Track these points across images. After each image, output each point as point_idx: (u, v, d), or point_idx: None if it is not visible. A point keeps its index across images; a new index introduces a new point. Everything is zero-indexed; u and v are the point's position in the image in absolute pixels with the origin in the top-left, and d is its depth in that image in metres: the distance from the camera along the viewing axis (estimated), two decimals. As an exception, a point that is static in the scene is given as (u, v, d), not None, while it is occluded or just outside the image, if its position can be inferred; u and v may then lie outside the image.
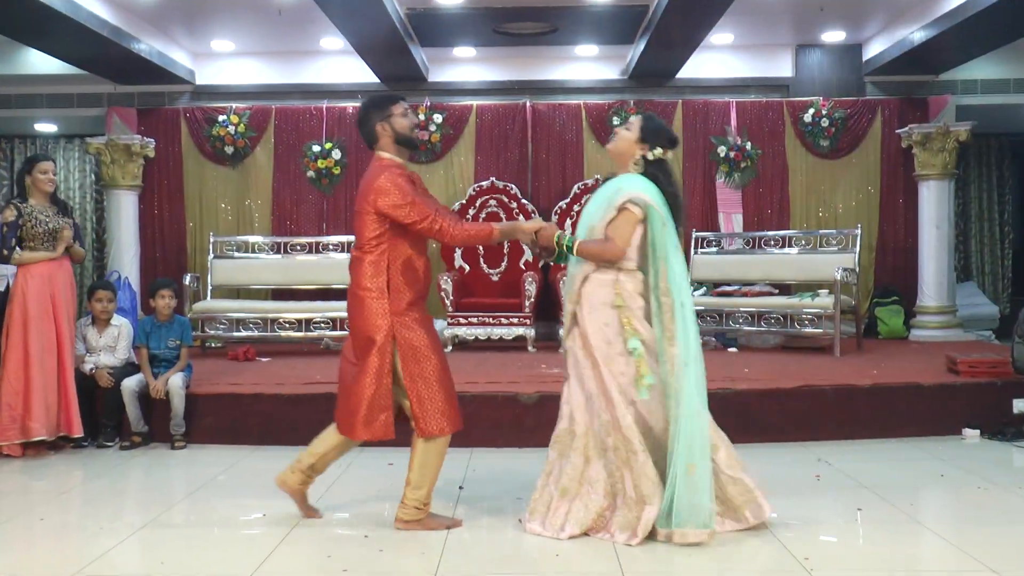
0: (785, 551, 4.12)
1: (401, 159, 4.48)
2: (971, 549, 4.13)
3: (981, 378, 6.89)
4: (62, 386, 6.31)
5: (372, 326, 4.33)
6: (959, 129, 9.93)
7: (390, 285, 4.34)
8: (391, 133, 4.44)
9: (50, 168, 6.45)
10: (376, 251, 4.35)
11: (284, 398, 6.68)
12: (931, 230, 10.04)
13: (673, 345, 4.24)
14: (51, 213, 6.38)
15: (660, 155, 4.45)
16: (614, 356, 4.31)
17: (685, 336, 4.25)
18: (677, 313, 4.25)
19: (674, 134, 4.57)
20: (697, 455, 4.18)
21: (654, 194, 4.34)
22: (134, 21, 9.17)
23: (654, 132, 4.46)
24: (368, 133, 4.49)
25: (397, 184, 4.28)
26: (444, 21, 9.46)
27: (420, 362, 4.36)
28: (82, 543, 4.42)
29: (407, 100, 4.61)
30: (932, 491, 5.44)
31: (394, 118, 4.44)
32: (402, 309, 4.35)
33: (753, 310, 9.14)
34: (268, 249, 10.12)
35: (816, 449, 6.25)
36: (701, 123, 10.57)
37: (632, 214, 4.31)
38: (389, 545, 4.27)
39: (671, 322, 4.25)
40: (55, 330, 6.31)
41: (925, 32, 9.07)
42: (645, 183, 4.38)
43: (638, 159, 4.45)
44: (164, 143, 10.49)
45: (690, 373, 4.22)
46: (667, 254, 4.29)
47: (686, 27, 8.87)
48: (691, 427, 4.18)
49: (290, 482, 4.63)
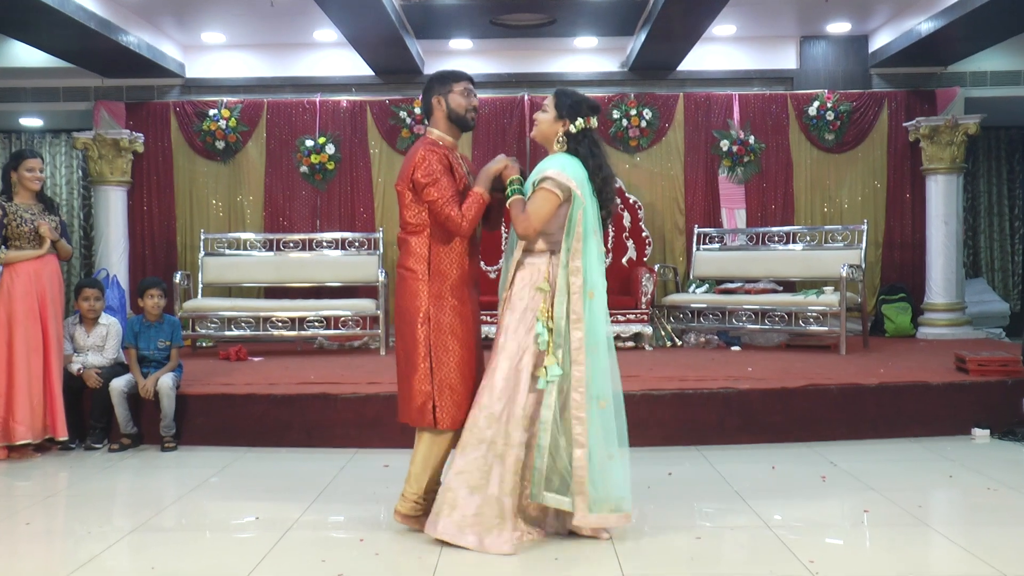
0: (790, 554, 4.09)
1: (451, 137, 4.50)
2: (981, 552, 4.09)
3: (991, 377, 6.83)
4: (47, 387, 6.23)
5: (412, 307, 4.35)
6: (968, 122, 9.82)
7: (431, 268, 4.34)
8: (445, 109, 4.46)
9: (38, 165, 6.37)
10: (420, 233, 4.37)
11: (277, 399, 6.62)
12: (939, 225, 9.93)
13: (579, 329, 4.15)
14: (37, 211, 6.32)
15: (582, 126, 4.32)
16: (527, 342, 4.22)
17: (592, 320, 4.17)
18: (585, 297, 4.17)
19: (593, 101, 4.41)
20: (615, 443, 4.17)
21: (576, 172, 4.24)
22: (122, 13, 9.09)
23: (570, 106, 4.34)
24: (425, 105, 4.54)
25: (428, 160, 4.30)
26: (440, 13, 9.42)
27: (445, 349, 4.33)
28: (69, 548, 4.41)
29: (473, 80, 4.59)
30: (941, 492, 5.40)
31: (452, 95, 4.45)
32: (442, 292, 4.34)
33: (757, 308, 9.09)
34: (260, 246, 10.04)
35: (821, 450, 6.22)
36: (703, 117, 10.49)
37: (549, 192, 4.21)
38: (385, 549, 4.26)
39: (578, 304, 4.17)
40: (42, 330, 6.23)
41: (933, 23, 8.97)
42: (568, 161, 4.29)
43: (560, 137, 4.35)
44: (153, 138, 10.41)
45: (599, 359, 4.16)
46: (585, 234, 4.20)
47: (687, 18, 8.81)
48: (604, 415, 4.15)
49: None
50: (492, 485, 4.14)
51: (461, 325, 4.35)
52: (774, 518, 4.61)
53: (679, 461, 5.93)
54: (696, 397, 6.49)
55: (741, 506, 4.86)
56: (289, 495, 5.17)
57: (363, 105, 10.42)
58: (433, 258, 4.33)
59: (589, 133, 4.34)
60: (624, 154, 10.42)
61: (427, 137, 4.47)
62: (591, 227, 4.22)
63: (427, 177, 4.25)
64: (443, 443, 4.38)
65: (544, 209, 4.20)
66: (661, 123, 10.40)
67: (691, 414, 6.46)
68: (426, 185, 4.25)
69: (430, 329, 4.30)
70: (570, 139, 4.33)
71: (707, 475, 5.58)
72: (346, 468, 5.77)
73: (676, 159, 10.43)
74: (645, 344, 9.16)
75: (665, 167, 10.43)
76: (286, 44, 10.65)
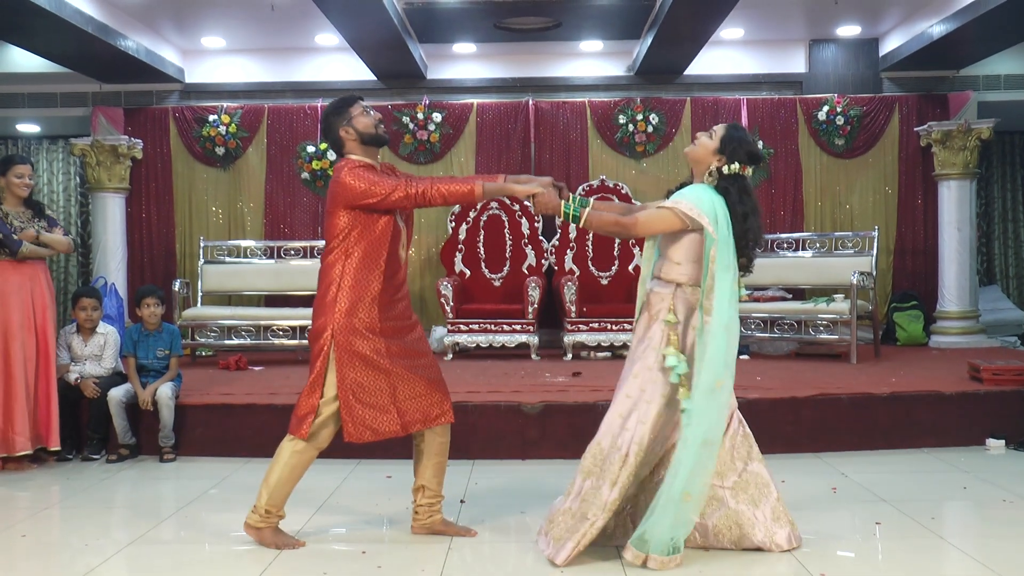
0: (801, 567, 4.05)
1: (370, 159, 4.43)
2: (996, 565, 4.03)
3: (1006, 386, 6.75)
4: (40, 396, 6.15)
5: (319, 324, 4.33)
6: (981, 127, 9.72)
7: (340, 284, 4.29)
8: (355, 135, 4.41)
9: (27, 172, 6.29)
10: (334, 251, 4.32)
11: (278, 408, 6.50)
12: (952, 232, 9.83)
13: (703, 366, 4.06)
14: (26, 218, 6.24)
15: (737, 171, 4.21)
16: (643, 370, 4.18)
17: (717, 357, 4.05)
18: (716, 334, 4.04)
19: (758, 151, 4.31)
20: (698, 485, 4.02)
21: (715, 209, 4.11)
22: (121, 17, 9.06)
23: (735, 144, 4.22)
24: (334, 141, 4.47)
25: (355, 174, 4.24)
26: (443, 16, 9.39)
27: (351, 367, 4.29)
28: (66, 561, 4.37)
29: (364, 99, 4.60)
30: (954, 504, 5.33)
31: (354, 119, 4.41)
32: (353, 311, 4.29)
33: (766, 316, 9.02)
34: (260, 254, 10.00)
35: (832, 460, 6.16)
36: (710, 121, 10.32)
37: (672, 213, 4.13)
38: (387, 562, 4.22)
39: (709, 342, 4.05)
40: (35, 338, 6.15)
41: (945, 25, 8.91)
42: (708, 194, 4.17)
43: (713, 170, 4.24)
44: (152, 144, 10.36)
45: (718, 398, 4.07)
46: (716, 272, 4.06)
47: (695, 21, 8.80)
48: (701, 455, 4.02)
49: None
50: None
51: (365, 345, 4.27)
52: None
53: (686, 472, 5.82)
54: (703, 407, 6.37)
55: (750, 518, 4.77)
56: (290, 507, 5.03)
57: (365, 111, 10.30)
58: (345, 276, 4.28)
59: (741, 180, 4.23)
60: (630, 160, 10.37)
61: (348, 161, 4.39)
62: (725, 264, 4.07)
63: (363, 185, 4.19)
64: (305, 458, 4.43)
65: (656, 223, 4.17)
66: (668, 128, 10.31)
67: (699, 424, 6.33)
68: (366, 193, 4.19)
69: (333, 349, 4.27)
70: (721, 177, 4.22)
71: (715, 487, 5.47)
72: (348, 479, 5.75)
73: (683, 165, 10.27)
74: (652, 353, 9.01)
75: (672, 173, 10.32)
76: (287, 48, 10.61)
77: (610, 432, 4.16)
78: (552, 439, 6.23)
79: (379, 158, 4.51)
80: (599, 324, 9.03)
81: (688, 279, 4.19)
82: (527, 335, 9.16)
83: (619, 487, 4.07)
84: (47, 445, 6.15)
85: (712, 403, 4.04)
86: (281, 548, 4.36)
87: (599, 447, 4.17)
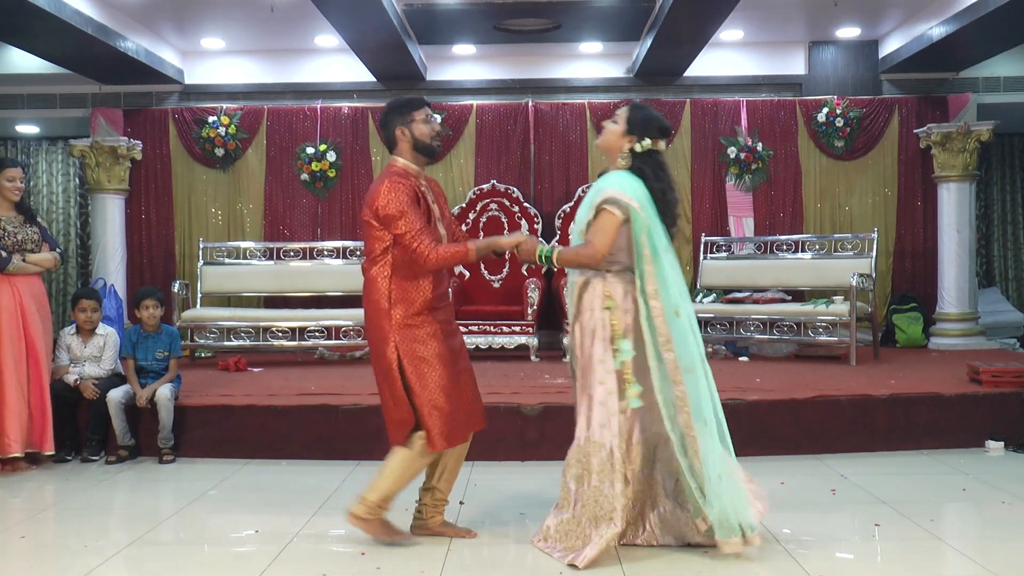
0: (800, 568, 4.06)
1: (417, 166, 4.46)
2: (995, 567, 4.04)
3: (1005, 388, 6.75)
4: (34, 401, 6.12)
5: (379, 338, 4.31)
6: (980, 128, 9.71)
7: (391, 298, 4.29)
8: (410, 139, 4.42)
9: (18, 175, 6.25)
10: (381, 262, 4.32)
11: (277, 410, 6.57)
12: (951, 234, 9.82)
13: (670, 351, 4.08)
14: (18, 223, 6.21)
15: (650, 146, 4.24)
16: (595, 364, 4.17)
17: (684, 340, 4.11)
18: (670, 317, 4.09)
19: (665, 122, 4.36)
20: (719, 464, 4.12)
21: (637, 192, 4.16)
22: (120, 18, 9.04)
23: (642, 122, 4.27)
24: (388, 137, 4.49)
25: (395, 191, 4.24)
26: (443, 18, 9.37)
27: (420, 375, 4.28)
28: (65, 562, 4.37)
29: (430, 106, 4.58)
30: (954, 506, 5.35)
31: (415, 124, 4.41)
32: (406, 321, 4.29)
33: (765, 318, 9.00)
34: (260, 255, 9.98)
35: (832, 462, 6.17)
36: (710, 123, 10.39)
37: (611, 215, 4.16)
38: (387, 562, 4.22)
39: (664, 326, 4.10)
40: (26, 342, 6.12)
41: (944, 27, 8.88)
42: (628, 179, 4.21)
43: (626, 152, 4.27)
44: (151, 145, 10.34)
45: (697, 379, 4.11)
46: (655, 255, 4.12)
47: (694, 23, 8.77)
48: (709, 434, 4.11)
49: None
50: None
51: (429, 349, 4.29)
52: (783, 532, 4.55)
53: (686, 474, 5.81)
54: (702, 408, 6.36)
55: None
56: (289, 508, 5.15)
57: (365, 112, 10.33)
58: (395, 287, 4.29)
59: (655, 155, 4.27)
60: (630, 161, 10.29)
61: (393, 166, 4.42)
62: (661, 246, 4.15)
63: (395, 209, 4.20)
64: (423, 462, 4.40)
65: (608, 232, 4.15)
66: (667, 130, 10.25)
67: (697, 426, 6.32)
68: (394, 218, 4.20)
69: (400, 360, 4.26)
70: (635, 157, 4.26)
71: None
72: (347, 481, 5.74)
73: (683, 166, 10.31)
74: (651, 354, 9.00)
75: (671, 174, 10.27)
76: (286, 50, 10.59)
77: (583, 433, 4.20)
78: (551, 441, 6.19)
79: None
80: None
81: (619, 266, 4.21)
82: (526, 337, 9.15)
83: (621, 483, 4.08)
84: (41, 450, 6.12)
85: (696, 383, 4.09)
86: (392, 540, 4.39)
87: (579, 448, 4.21)
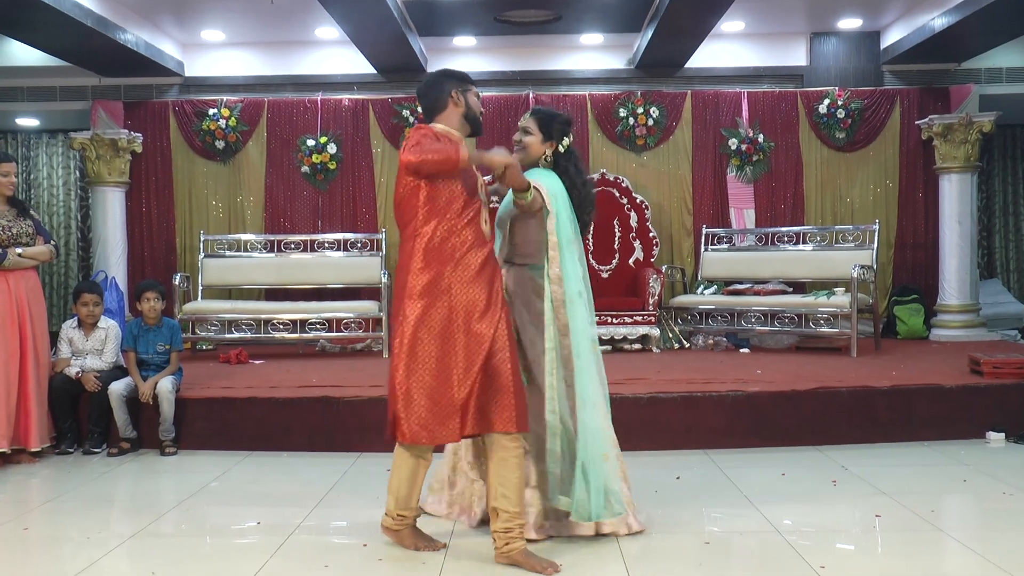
0: (800, 559, 4.04)
1: (460, 133, 4.23)
2: (996, 558, 4.03)
3: (1006, 379, 6.74)
4: (22, 397, 6.07)
5: (396, 309, 4.13)
6: (982, 120, 9.70)
7: (411, 267, 4.01)
8: (464, 107, 4.24)
9: (11, 169, 6.20)
10: (407, 229, 4.07)
11: (278, 402, 6.56)
12: (953, 225, 9.81)
13: (567, 336, 4.24)
14: (11, 216, 6.17)
15: (568, 144, 4.44)
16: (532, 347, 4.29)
17: (575, 326, 4.22)
18: (568, 305, 4.24)
19: (566, 116, 4.52)
20: (609, 444, 4.25)
21: (551, 185, 4.30)
22: (120, 10, 9.02)
23: (558, 127, 4.44)
24: (436, 98, 4.19)
25: (421, 133, 4.05)
26: (443, 9, 9.39)
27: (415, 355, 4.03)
28: (68, 554, 4.35)
29: None
30: (954, 497, 5.35)
31: (470, 93, 4.29)
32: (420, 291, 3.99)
33: (766, 309, 9.00)
34: (261, 247, 9.97)
35: (832, 453, 6.14)
36: (711, 115, 10.38)
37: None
38: (388, 555, 4.21)
39: (563, 313, 4.25)
40: (22, 337, 6.08)
41: (947, 18, 8.88)
42: (543, 174, 4.35)
43: (549, 156, 4.44)
44: (152, 138, 10.33)
45: (588, 363, 4.22)
46: (560, 244, 4.27)
47: (695, 14, 8.77)
48: (595, 416, 4.19)
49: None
50: None
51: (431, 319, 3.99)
52: (784, 523, 4.56)
53: (687, 465, 5.84)
54: (704, 400, 6.38)
55: (750, 511, 4.79)
56: (291, 500, 5.14)
57: (365, 104, 10.32)
58: (416, 256, 4.00)
59: (572, 151, 4.46)
60: (631, 153, 10.34)
61: (427, 128, 4.12)
62: (567, 237, 4.27)
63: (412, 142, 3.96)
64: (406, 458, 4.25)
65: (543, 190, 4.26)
66: (668, 121, 10.27)
67: (699, 417, 6.35)
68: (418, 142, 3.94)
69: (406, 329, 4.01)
70: (558, 158, 4.41)
71: (716, 479, 5.50)
72: (349, 473, 5.74)
73: (684, 158, 10.30)
74: (652, 346, 9.04)
75: (672, 166, 10.31)
76: (287, 42, 10.58)
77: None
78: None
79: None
80: (599, 317, 8.96)
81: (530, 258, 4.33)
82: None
83: None
84: (26, 446, 6.05)
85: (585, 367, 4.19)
86: (421, 549, 4.20)
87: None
